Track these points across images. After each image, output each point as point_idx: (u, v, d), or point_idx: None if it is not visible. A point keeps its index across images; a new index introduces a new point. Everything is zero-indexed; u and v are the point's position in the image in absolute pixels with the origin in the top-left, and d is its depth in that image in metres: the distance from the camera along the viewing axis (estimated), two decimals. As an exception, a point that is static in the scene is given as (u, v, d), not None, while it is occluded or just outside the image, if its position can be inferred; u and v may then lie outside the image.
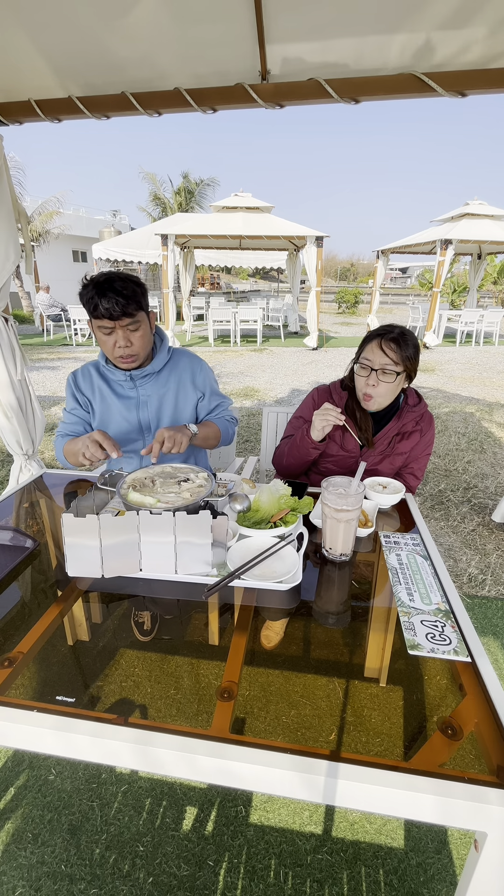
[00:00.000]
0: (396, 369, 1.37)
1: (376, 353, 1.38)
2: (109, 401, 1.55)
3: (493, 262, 21.58)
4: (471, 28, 1.50)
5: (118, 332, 1.37)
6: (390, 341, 1.37)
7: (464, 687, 0.77)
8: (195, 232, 9.28)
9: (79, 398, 1.58)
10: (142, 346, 1.43)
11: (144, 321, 1.41)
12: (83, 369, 1.58)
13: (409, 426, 1.50)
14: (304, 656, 0.84)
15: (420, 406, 1.53)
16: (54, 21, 1.59)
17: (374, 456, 1.51)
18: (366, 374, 1.40)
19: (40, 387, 6.35)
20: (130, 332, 1.38)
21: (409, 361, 1.38)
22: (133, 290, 1.34)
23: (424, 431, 1.52)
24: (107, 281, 1.32)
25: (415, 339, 1.41)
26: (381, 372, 1.37)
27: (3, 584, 1.03)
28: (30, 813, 1.31)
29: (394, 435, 1.50)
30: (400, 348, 1.36)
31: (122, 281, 1.33)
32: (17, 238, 2.03)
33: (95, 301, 1.31)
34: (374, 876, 1.18)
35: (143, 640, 0.88)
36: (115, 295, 1.30)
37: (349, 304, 18.35)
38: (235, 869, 1.19)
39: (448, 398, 5.94)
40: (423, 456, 1.56)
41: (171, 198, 21.18)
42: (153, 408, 1.56)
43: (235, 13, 1.54)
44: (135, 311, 1.35)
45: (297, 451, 1.52)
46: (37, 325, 12.69)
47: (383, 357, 1.37)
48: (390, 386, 1.40)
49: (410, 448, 1.52)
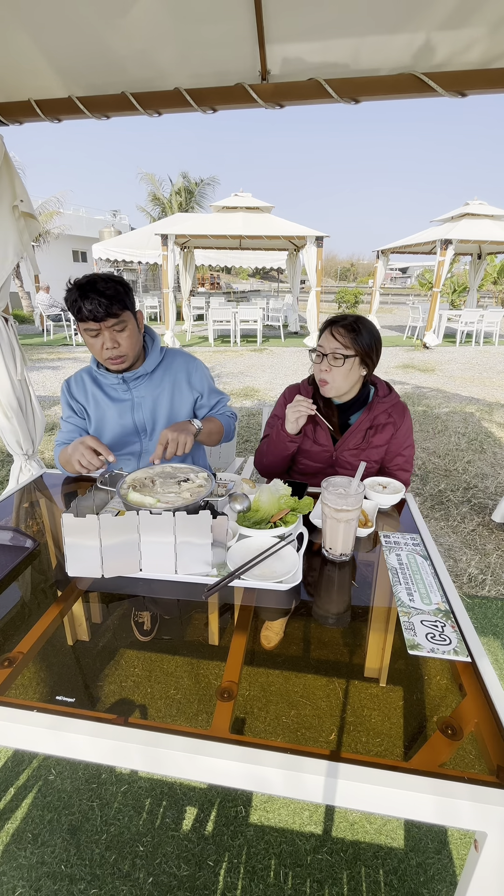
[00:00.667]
0: (346, 353, 1.39)
1: (328, 339, 1.42)
2: (104, 406, 1.54)
3: (494, 262, 21.56)
4: (471, 28, 1.50)
5: (104, 334, 1.36)
6: (340, 327, 1.41)
7: (464, 687, 0.77)
8: (195, 232, 9.28)
9: (73, 406, 1.57)
10: (130, 347, 1.42)
11: (130, 321, 1.40)
12: (76, 377, 1.58)
13: (381, 418, 1.51)
14: (304, 656, 0.84)
15: (391, 397, 1.54)
16: (54, 21, 1.59)
17: (349, 450, 1.52)
18: (319, 360, 1.45)
19: (40, 387, 6.35)
20: (117, 333, 1.38)
21: (359, 345, 1.40)
22: (116, 290, 1.33)
23: (398, 423, 1.52)
24: (89, 283, 1.32)
25: (370, 325, 1.44)
26: (332, 357, 1.40)
27: (3, 584, 1.03)
28: (30, 813, 1.31)
29: (367, 428, 1.51)
30: (350, 333, 1.39)
31: (104, 282, 1.33)
32: (17, 238, 2.03)
33: (79, 304, 1.31)
34: (374, 876, 1.18)
35: (143, 640, 0.88)
36: (98, 296, 1.29)
37: (349, 304, 18.35)
38: (235, 869, 1.19)
39: (448, 398, 5.94)
40: (406, 448, 1.54)
41: (171, 198, 21.17)
42: (148, 409, 1.55)
43: (235, 13, 1.54)
44: (119, 311, 1.34)
45: (274, 447, 1.54)
46: (37, 325, 12.69)
47: (333, 342, 1.40)
48: (342, 370, 1.42)
49: (386, 441, 1.52)
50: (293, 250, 11.63)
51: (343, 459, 1.53)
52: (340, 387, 1.45)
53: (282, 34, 1.61)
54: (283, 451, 1.53)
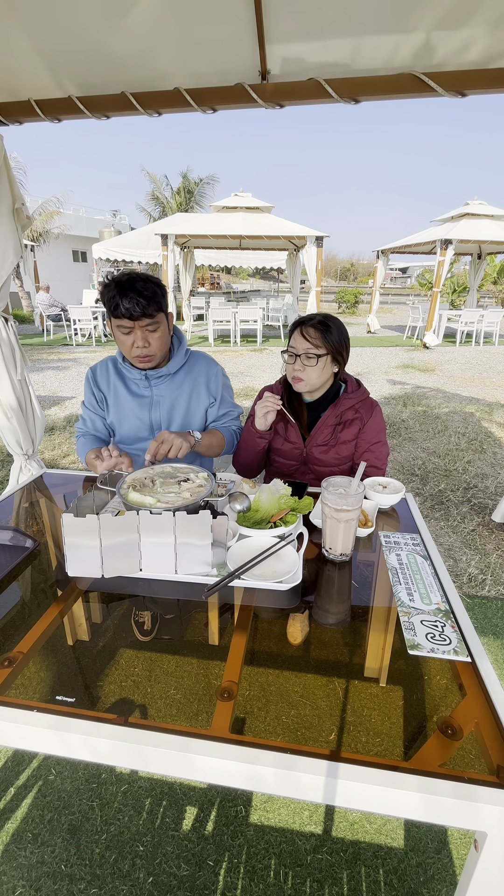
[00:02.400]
0: (318, 352, 1.41)
1: (298, 340, 1.44)
2: (123, 398, 1.58)
3: (494, 262, 21.56)
4: (470, 28, 1.50)
5: (136, 332, 1.40)
6: (310, 327, 1.42)
7: (464, 687, 0.77)
8: (195, 232, 9.28)
9: (95, 394, 1.62)
10: (159, 347, 1.46)
11: (163, 322, 1.44)
12: (101, 364, 1.62)
13: (348, 414, 1.52)
14: (304, 656, 0.84)
15: (359, 393, 1.54)
16: (54, 21, 1.59)
17: (318, 446, 1.53)
18: (291, 360, 1.46)
19: (40, 387, 6.35)
20: (149, 333, 1.41)
21: (331, 344, 1.42)
22: (154, 292, 1.37)
23: (366, 419, 1.52)
24: (129, 281, 1.35)
25: (338, 323, 1.46)
26: (305, 356, 1.42)
27: (3, 584, 1.03)
28: (30, 813, 1.31)
29: (334, 424, 1.52)
30: (319, 333, 1.41)
31: (143, 282, 1.36)
32: (16, 238, 2.03)
33: (116, 300, 1.33)
34: (374, 876, 1.18)
35: (143, 640, 0.88)
36: (137, 295, 1.33)
37: (349, 304, 18.35)
38: (235, 869, 1.19)
39: (448, 398, 5.93)
40: (376, 444, 1.53)
41: (171, 198, 21.16)
42: (165, 408, 1.58)
43: (235, 13, 1.54)
44: (154, 312, 1.38)
45: (246, 444, 1.57)
46: (37, 325, 12.69)
47: (304, 342, 1.42)
48: (316, 369, 1.44)
49: (354, 436, 1.52)
50: (293, 250, 11.63)
51: (313, 456, 1.54)
52: (314, 383, 1.47)
53: (282, 34, 1.61)
54: (254, 448, 1.55)
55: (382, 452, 1.55)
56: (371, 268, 21.12)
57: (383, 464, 1.55)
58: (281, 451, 1.60)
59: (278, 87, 1.78)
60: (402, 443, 4.27)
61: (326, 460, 1.54)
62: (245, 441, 1.57)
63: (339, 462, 1.54)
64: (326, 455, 1.53)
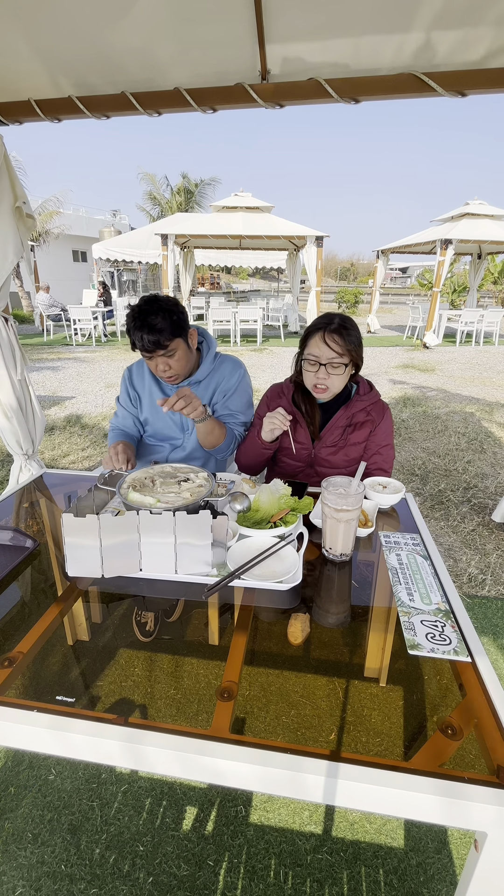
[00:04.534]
0: (343, 361, 1.39)
1: (322, 348, 1.38)
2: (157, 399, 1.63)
3: (494, 261, 21.55)
4: (470, 27, 1.50)
5: (157, 359, 1.48)
6: (333, 333, 1.37)
7: (464, 687, 0.77)
8: (195, 232, 9.28)
9: (130, 393, 1.70)
10: (181, 367, 1.53)
11: (181, 347, 1.49)
12: (138, 365, 1.71)
13: (359, 416, 1.50)
14: (304, 656, 0.84)
15: (371, 395, 1.53)
16: (54, 21, 1.59)
17: (327, 447, 1.52)
18: (315, 369, 1.42)
19: (40, 387, 6.35)
20: (168, 359, 1.49)
21: (353, 349, 1.39)
22: (166, 323, 1.41)
23: (377, 421, 1.51)
24: (142, 315, 1.40)
25: (355, 325, 1.43)
26: (330, 366, 1.39)
27: (3, 584, 1.03)
28: (30, 813, 1.31)
29: (345, 426, 1.50)
30: (343, 339, 1.37)
31: (156, 314, 1.40)
32: (17, 237, 2.03)
33: (133, 336, 1.44)
34: (374, 876, 1.18)
35: (144, 641, 0.88)
36: (148, 332, 1.40)
37: (349, 303, 18.34)
38: (235, 869, 1.19)
39: (448, 398, 5.93)
40: (384, 447, 1.53)
41: (171, 198, 21.15)
42: None
43: (235, 13, 1.54)
44: (168, 341, 1.44)
45: (250, 450, 1.55)
46: (37, 325, 12.68)
47: (329, 351, 1.38)
48: (341, 377, 1.43)
49: (364, 439, 1.51)
50: (293, 250, 11.62)
51: (321, 457, 1.53)
52: (337, 390, 1.46)
53: (282, 34, 1.61)
54: (259, 456, 1.54)
55: (390, 455, 1.54)
56: (371, 268, 21.12)
57: (390, 466, 1.55)
58: (288, 451, 1.57)
59: (278, 86, 1.78)
60: (403, 443, 4.27)
61: (335, 461, 1.52)
62: (249, 447, 1.55)
63: (347, 464, 1.52)
64: (335, 456, 1.51)
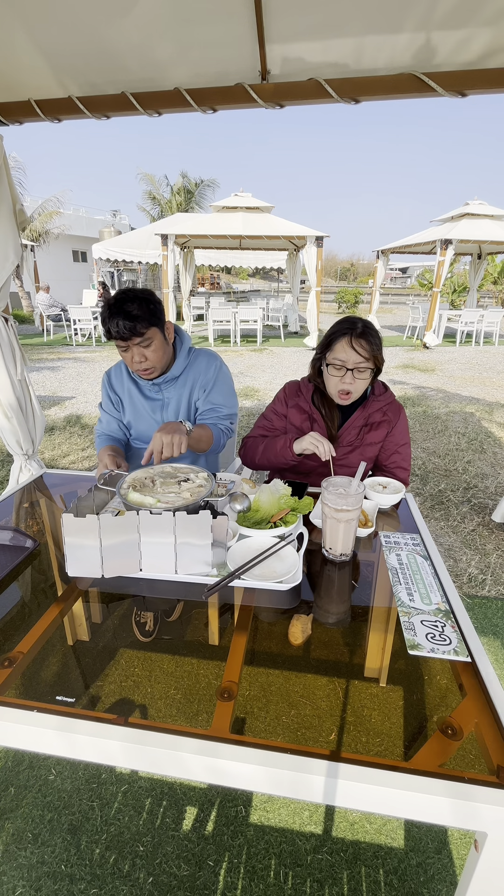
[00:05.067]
0: (369, 365, 1.39)
1: (349, 353, 1.38)
2: (137, 401, 1.64)
3: (494, 262, 21.55)
4: (470, 27, 1.50)
5: (133, 350, 1.45)
6: (360, 338, 1.37)
7: (464, 687, 0.77)
8: (195, 232, 9.28)
9: (112, 397, 1.68)
10: (157, 359, 1.49)
11: (157, 336, 1.47)
12: (116, 368, 1.68)
13: (376, 416, 1.51)
14: (304, 656, 0.84)
15: (386, 396, 1.54)
16: (54, 21, 1.59)
17: (342, 447, 1.52)
18: (340, 374, 1.41)
19: (40, 387, 6.35)
20: (143, 349, 1.46)
21: (378, 353, 1.40)
22: (142, 310, 1.39)
23: (394, 421, 1.52)
24: (117, 303, 1.39)
25: (377, 330, 1.43)
26: (356, 371, 1.39)
27: (3, 584, 1.03)
28: (30, 813, 1.31)
29: (361, 426, 1.51)
30: (370, 344, 1.37)
31: (131, 302, 1.39)
32: (17, 238, 2.03)
33: (107, 324, 1.40)
34: (374, 876, 1.18)
35: (144, 641, 0.88)
36: (124, 318, 1.37)
37: (349, 304, 18.33)
38: (235, 869, 1.19)
39: (448, 398, 5.93)
40: (402, 446, 1.54)
41: (171, 197, 21.14)
42: (173, 409, 1.63)
43: (235, 13, 1.54)
44: (144, 329, 1.41)
45: (273, 455, 1.51)
46: (37, 325, 12.68)
47: (356, 356, 1.37)
48: (366, 381, 1.43)
49: (382, 439, 1.52)
50: (293, 250, 11.62)
51: (337, 457, 1.52)
52: (359, 394, 1.47)
53: (282, 34, 1.60)
54: (282, 465, 1.52)
55: (408, 453, 1.56)
56: (371, 268, 21.12)
57: (409, 464, 1.56)
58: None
59: (278, 87, 1.78)
60: (402, 443, 4.27)
61: (351, 461, 1.52)
62: (273, 453, 1.50)
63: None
64: (351, 455, 1.52)
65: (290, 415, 1.58)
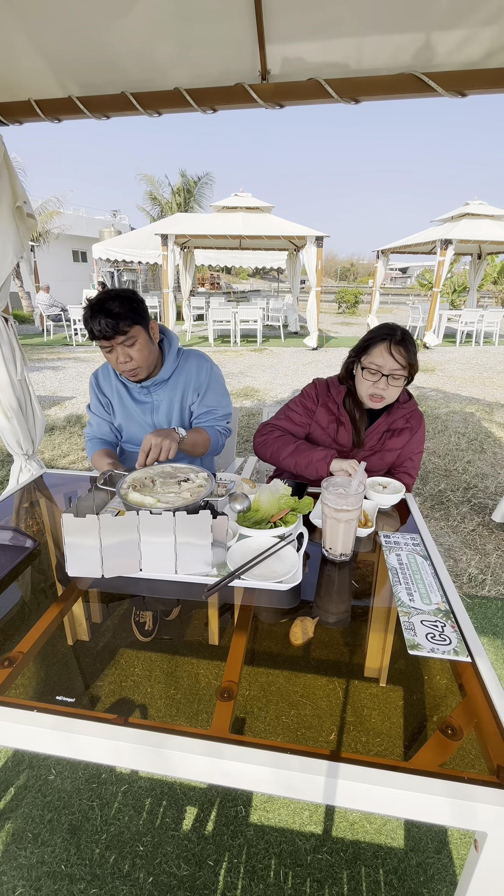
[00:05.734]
0: (404, 373, 1.39)
1: (386, 359, 1.37)
2: (127, 403, 1.61)
3: (494, 262, 21.55)
4: (470, 28, 1.50)
5: (117, 350, 1.41)
6: (398, 345, 1.36)
7: (464, 687, 0.77)
8: (195, 232, 9.28)
9: (101, 399, 1.64)
10: (142, 359, 1.45)
11: (141, 335, 1.42)
12: (103, 369, 1.64)
13: (399, 423, 1.51)
14: (304, 656, 0.84)
15: (410, 403, 1.55)
16: (54, 21, 1.59)
17: (364, 451, 1.52)
18: (375, 378, 1.40)
19: (40, 387, 6.35)
20: (128, 348, 1.41)
21: (414, 362, 1.40)
22: (124, 308, 1.36)
23: (415, 429, 1.52)
24: (98, 303, 1.36)
25: (413, 339, 1.43)
26: (392, 377, 1.38)
27: (3, 584, 1.03)
28: (30, 813, 1.31)
29: (384, 431, 1.51)
30: (408, 352, 1.37)
31: (113, 300, 1.36)
32: (17, 237, 2.03)
33: (90, 324, 1.37)
34: (374, 876, 1.18)
35: (143, 641, 0.88)
36: (106, 316, 1.34)
37: (349, 304, 18.34)
38: (235, 869, 1.19)
39: (448, 398, 5.93)
40: (416, 454, 1.56)
41: (171, 197, 21.14)
42: (163, 412, 1.60)
43: (235, 13, 1.54)
44: (127, 327, 1.37)
45: (305, 465, 1.45)
46: (37, 325, 12.68)
47: (393, 362, 1.37)
48: (398, 389, 1.43)
49: (402, 445, 1.52)
50: (293, 250, 11.62)
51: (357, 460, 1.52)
52: (391, 401, 1.46)
53: (282, 34, 1.61)
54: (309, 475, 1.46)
55: (419, 462, 1.57)
56: (371, 268, 21.12)
57: (416, 473, 1.58)
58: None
59: (278, 87, 1.78)
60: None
61: (369, 465, 1.51)
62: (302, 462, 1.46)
63: (380, 468, 1.54)
64: (370, 459, 1.51)
65: (317, 413, 1.57)
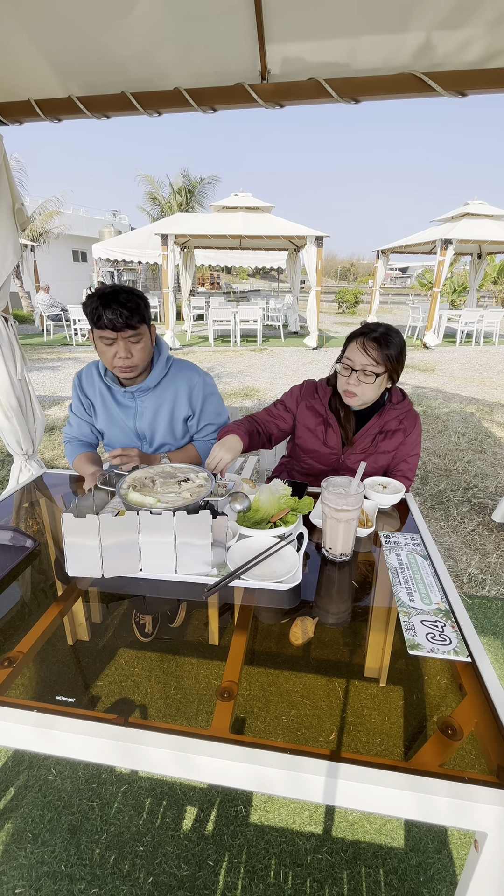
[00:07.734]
0: (377, 370, 1.36)
1: (357, 354, 1.37)
2: (110, 406, 1.59)
3: (494, 262, 21.55)
4: (470, 27, 1.50)
5: (119, 344, 1.39)
6: (372, 341, 1.35)
7: (464, 687, 0.77)
8: (195, 232, 9.28)
9: (83, 401, 1.61)
10: (142, 358, 1.45)
11: (146, 334, 1.43)
12: (87, 371, 1.60)
13: (391, 424, 1.49)
14: (304, 656, 0.84)
15: (403, 404, 1.52)
16: (54, 21, 1.59)
17: (356, 454, 1.50)
18: (347, 373, 1.40)
19: (40, 387, 6.35)
20: (132, 344, 1.40)
21: (390, 362, 1.37)
22: (137, 304, 1.37)
23: (409, 431, 1.50)
24: (112, 293, 1.35)
25: (400, 339, 1.39)
26: (362, 373, 1.37)
27: (3, 584, 1.03)
28: (30, 813, 1.31)
29: (376, 433, 1.49)
30: (381, 348, 1.34)
31: (126, 294, 1.36)
32: (17, 238, 2.03)
33: (99, 312, 1.33)
34: (374, 876, 1.18)
35: (143, 641, 0.88)
36: (120, 307, 1.33)
37: (349, 303, 18.34)
38: (235, 869, 1.19)
39: (448, 398, 5.93)
40: (412, 456, 1.53)
41: (171, 197, 21.14)
42: (147, 419, 1.57)
43: (235, 13, 1.54)
44: (138, 323, 1.38)
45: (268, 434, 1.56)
46: (37, 325, 12.67)
47: (364, 357, 1.36)
48: (372, 386, 1.39)
49: (395, 447, 1.50)
50: (293, 250, 11.62)
51: (348, 464, 1.51)
52: (368, 399, 1.44)
53: (282, 34, 1.60)
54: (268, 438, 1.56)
55: (415, 464, 1.55)
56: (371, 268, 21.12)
57: (413, 475, 1.55)
58: (317, 455, 1.55)
59: (278, 86, 1.78)
60: (402, 443, 4.27)
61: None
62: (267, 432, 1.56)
63: (374, 471, 1.51)
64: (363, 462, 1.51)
65: (301, 414, 1.56)
